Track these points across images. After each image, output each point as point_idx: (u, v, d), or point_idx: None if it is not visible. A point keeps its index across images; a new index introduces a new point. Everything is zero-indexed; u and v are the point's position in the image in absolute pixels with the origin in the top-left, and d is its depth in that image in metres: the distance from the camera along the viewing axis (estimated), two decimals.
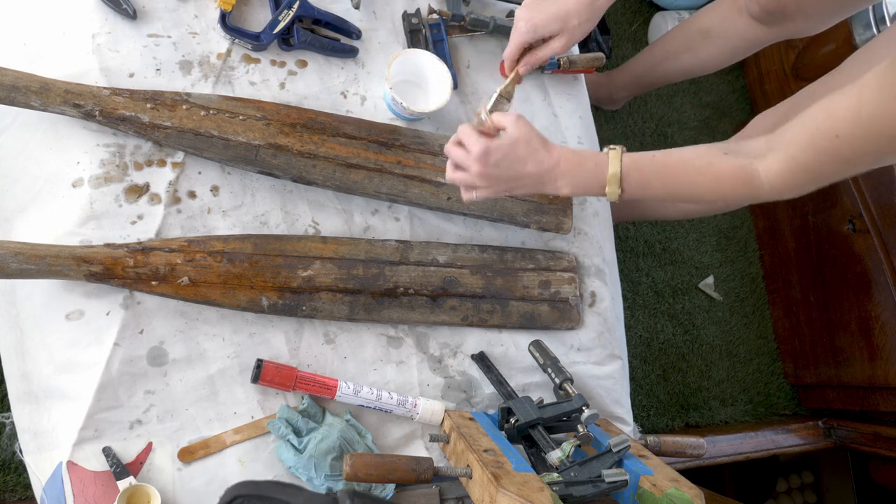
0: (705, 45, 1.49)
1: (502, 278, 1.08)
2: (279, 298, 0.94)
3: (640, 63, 1.69)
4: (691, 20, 1.53)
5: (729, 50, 1.48)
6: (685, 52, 1.54)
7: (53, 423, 0.86)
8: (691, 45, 1.52)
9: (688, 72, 1.61)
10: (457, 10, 1.12)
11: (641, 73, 1.70)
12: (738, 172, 0.84)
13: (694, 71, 1.59)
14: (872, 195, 1.74)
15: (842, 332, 1.84)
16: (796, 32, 1.35)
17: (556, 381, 1.00)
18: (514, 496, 0.76)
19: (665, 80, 1.70)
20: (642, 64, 1.69)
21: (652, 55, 1.64)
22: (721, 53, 1.49)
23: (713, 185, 0.86)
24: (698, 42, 1.50)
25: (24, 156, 0.90)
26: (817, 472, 2.18)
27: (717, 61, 1.53)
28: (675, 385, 1.92)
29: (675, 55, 1.57)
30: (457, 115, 1.13)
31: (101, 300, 0.87)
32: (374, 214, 1.04)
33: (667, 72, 1.63)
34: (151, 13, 0.97)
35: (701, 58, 1.52)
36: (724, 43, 1.46)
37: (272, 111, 0.97)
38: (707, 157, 0.87)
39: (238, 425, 0.91)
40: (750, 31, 1.39)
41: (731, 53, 1.49)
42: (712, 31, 1.46)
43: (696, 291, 2.02)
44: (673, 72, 1.62)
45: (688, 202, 1.10)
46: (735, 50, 1.47)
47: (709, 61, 1.53)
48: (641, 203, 1.52)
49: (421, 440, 1.00)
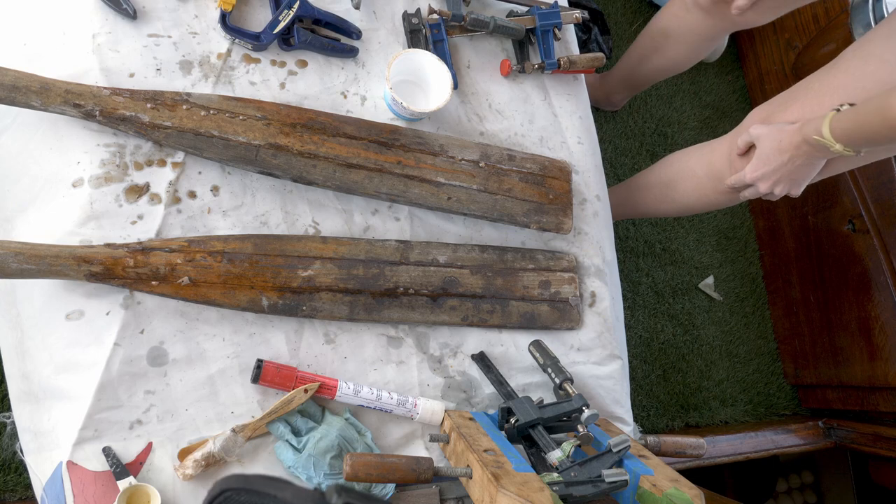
0: (668, 45, 1.53)
1: (502, 278, 1.08)
2: (279, 298, 0.94)
3: (623, 66, 1.72)
4: (652, 22, 1.56)
5: (689, 46, 1.51)
6: (653, 53, 1.58)
7: (54, 423, 0.86)
8: (657, 46, 1.56)
9: (663, 71, 1.64)
10: (457, 10, 1.12)
11: (625, 75, 1.73)
12: None
13: (668, 69, 1.62)
14: (872, 195, 1.74)
15: (842, 332, 1.84)
16: (744, 24, 1.39)
17: (556, 381, 1.00)
18: (514, 496, 0.76)
19: (648, 81, 1.72)
20: (624, 67, 1.72)
21: (629, 58, 1.68)
22: (684, 51, 1.53)
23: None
24: (662, 42, 1.54)
25: (24, 156, 0.90)
26: (817, 472, 2.18)
27: (683, 59, 1.56)
28: (675, 385, 1.92)
29: (647, 57, 1.61)
30: (457, 115, 1.13)
31: (101, 300, 0.87)
32: (375, 214, 1.04)
33: (646, 73, 1.66)
34: (151, 13, 0.97)
35: (669, 57, 1.56)
36: (684, 39, 1.49)
37: (272, 111, 0.97)
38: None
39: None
40: (702, 26, 1.43)
41: (693, 49, 1.52)
42: (670, 31, 1.50)
43: (696, 291, 2.02)
44: (650, 73, 1.66)
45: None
46: (695, 45, 1.51)
47: (677, 59, 1.56)
48: (641, 201, 1.53)
49: (421, 440, 1.00)
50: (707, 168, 1.32)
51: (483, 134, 1.14)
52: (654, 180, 1.47)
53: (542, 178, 1.13)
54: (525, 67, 1.17)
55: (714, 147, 1.33)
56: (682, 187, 1.39)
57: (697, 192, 1.36)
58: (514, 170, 1.11)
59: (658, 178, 1.46)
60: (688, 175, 1.37)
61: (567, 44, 1.26)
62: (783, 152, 1.13)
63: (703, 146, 1.38)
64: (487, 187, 1.08)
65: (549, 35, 1.20)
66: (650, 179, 1.49)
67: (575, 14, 1.23)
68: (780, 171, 1.15)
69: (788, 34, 2.00)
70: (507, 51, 1.21)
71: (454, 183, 1.06)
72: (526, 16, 1.19)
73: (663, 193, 1.45)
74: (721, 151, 1.29)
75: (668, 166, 1.44)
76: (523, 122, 1.17)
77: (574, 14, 1.23)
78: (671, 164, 1.43)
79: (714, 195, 1.34)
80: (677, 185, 1.40)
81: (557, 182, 1.14)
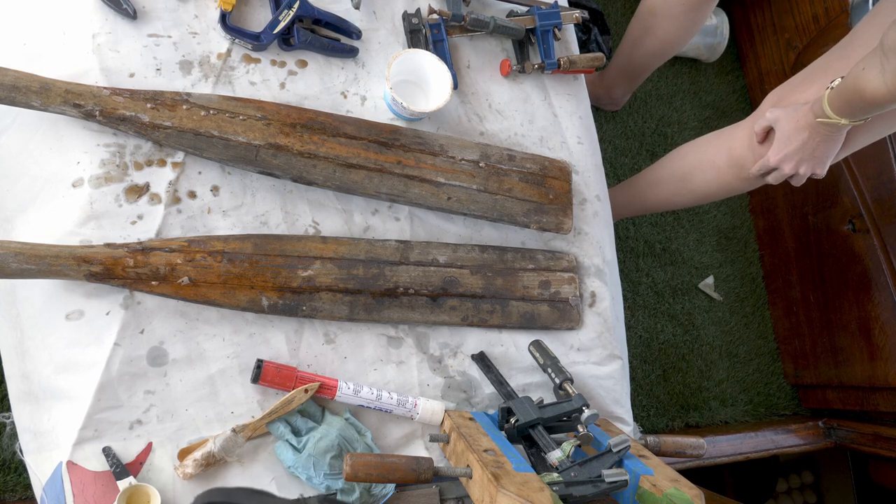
0: (657, 23, 1.53)
1: (502, 278, 1.08)
2: (279, 298, 0.94)
3: (619, 56, 1.72)
4: (640, 4, 1.56)
5: (677, 20, 1.51)
6: (645, 34, 1.58)
7: (53, 423, 0.86)
8: (647, 27, 1.56)
9: (657, 53, 1.63)
10: (457, 10, 1.12)
11: (622, 65, 1.73)
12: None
13: (663, 50, 1.62)
14: (872, 195, 1.74)
15: (842, 332, 1.84)
16: None
17: (556, 381, 1.00)
18: (514, 496, 0.76)
19: (645, 68, 1.72)
20: (620, 57, 1.72)
21: (624, 47, 1.68)
22: (674, 27, 1.53)
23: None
24: (650, 21, 1.54)
25: (24, 156, 0.90)
26: (817, 472, 2.18)
27: (674, 36, 1.56)
28: (675, 385, 1.92)
29: (639, 40, 1.61)
30: (457, 115, 1.13)
31: (101, 300, 0.87)
32: (374, 214, 1.04)
33: (641, 58, 1.66)
34: (151, 13, 0.97)
35: (660, 36, 1.56)
36: (670, 13, 1.49)
37: (272, 111, 0.97)
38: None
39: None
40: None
41: (681, 23, 1.52)
42: (656, 8, 1.50)
43: (696, 291, 2.02)
44: (645, 57, 1.65)
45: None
46: (682, 18, 1.50)
47: (667, 37, 1.56)
48: (652, 197, 1.53)
49: (421, 440, 1.00)
50: (728, 157, 1.33)
51: (483, 134, 1.14)
52: (667, 175, 1.47)
53: (542, 178, 1.13)
54: (525, 67, 1.17)
55: (733, 134, 1.34)
56: (700, 178, 1.39)
57: (719, 182, 1.37)
58: (514, 170, 1.11)
59: (672, 173, 1.46)
60: (707, 166, 1.37)
61: (567, 44, 1.26)
62: (801, 131, 1.14)
63: (717, 135, 1.39)
64: (487, 187, 1.08)
65: (549, 35, 1.20)
66: (661, 174, 1.49)
67: (575, 14, 1.23)
68: (803, 151, 1.16)
69: (788, 34, 2.00)
70: (507, 51, 1.21)
71: (454, 183, 1.06)
72: (526, 16, 1.19)
73: (679, 186, 1.45)
74: (741, 139, 1.30)
75: (680, 159, 1.44)
76: (523, 122, 1.17)
77: (574, 14, 1.23)
78: (683, 156, 1.44)
79: (737, 182, 1.34)
80: (694, 177, 1.40)
81: (557, 182, 1.14)
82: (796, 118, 1.14)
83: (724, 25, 2.10)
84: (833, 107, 1.06)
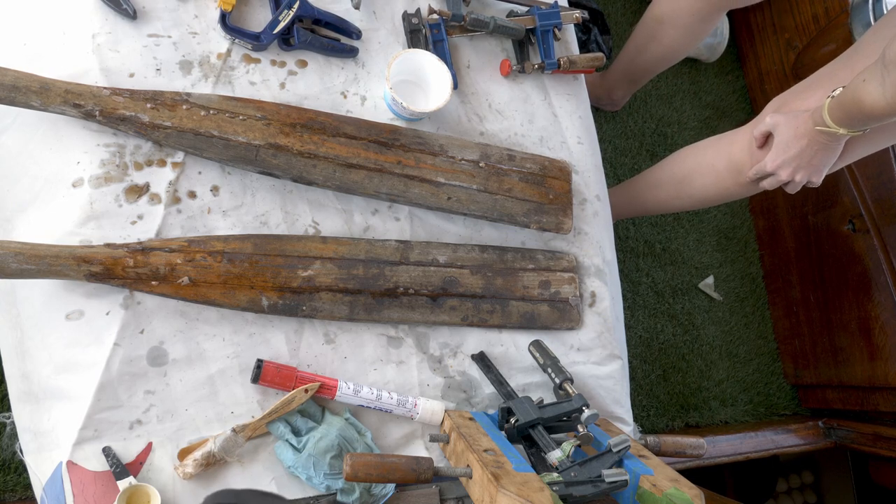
0: (664, 31, 1.53)
1: (502, 278, 1.08)
2: (279, 298, 0.94)
3: (622, 59, 1.72)
4: (647, 10, 1.56)
5: (684, 29, 1.51)
6: (650, 42, 1.58)
7: (53, 423, 0.86)
8: (653, 35, 1.56)
9: (661, 60, 1.63)
10: (457, 10, 1.12)
11: (625, 68, 1.73)
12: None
13: (666, 57, 1.62)
14: (872, 195, 1.74)
15: (842, 332, 1.84)
16: (738, 1, 1.41)
17: (556, 381, 1.00)
18: (514, 496, 0.76)
19: (647, 72, 1.72)
20: (623, 60, 1.72)
21: (628, 51, 1.68)
22: (680, 36, 1.53)
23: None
24: (657, 29, 1.54)
25: (24, 156, 0.90)
26: (817, 472, 2.18)
27: (679, 44, 1.56)
28: (675, 385, 1.92)
29: (644, 47, 1.61)
30: (457, 115, 1.13)
31: (101, 300, 0.87)
32: (374, 214, 1.04)
33: (645, 63, 1.66)
34: (151, 13, 0.97)
35: (665, 44, 1.56)
36: (678, 22, 1.50)
37: (272, 111, 0.97)
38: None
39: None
40: (694, 6, 1.44)
41: (688, 32, 1.52)
42: (664, 16, 1.50)
43: (696, 291, 2.02)
44: (649, 63, 1.65)
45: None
46: (689, 28, 1.50)
47: (673, 45, 1.56)
48: (651, 199, 1.53)
49: (421, 440, 1.00)
50: (727, 161, 1.33)
51: (483, 134, 1.14)
52: (666, 177, 1.47)
53: (542, 178, 1.13)
54: (525, 67, 1.17)
55: (732, 139, 1.34)
56: (699, 182, 1.40)
57: (717, 186, 1.37)
58: (514, 170, 1.11)
59: (671, 175, 1.46)
60: (706, 170, 1.37)
61: (567, 44, 1.26)
62: (800, 138, 1.14)
63: (717, 139, 1.39)
64: (487, 187, 1.08)
65: (549, 35, 1.20)
66: (660, 177, 1.49)
67: (575, 14, 1.23)
68: (800, 158, 1.16)
69: (788, 34, 2.00)
70: (507, 51, 1.21)
71: (454, 183, 1.06)
72: (526, 16, 1.19)
73: (678, 189, 1.45)
74: (741, 143, 1.30)
75: (679, 162, 1.44)
76: (523, 122, 1.17)
77: (574, 14, 1.23)
78: (683, 159, 1.44)
79: (735, 187, 1.34)
80: (693, 181, 1.40)
81: (557, 182, 1.14)
82: (796, 125, 1.14)
83: (723, 25, 2.10)
84: (833, 116, 1.06)
